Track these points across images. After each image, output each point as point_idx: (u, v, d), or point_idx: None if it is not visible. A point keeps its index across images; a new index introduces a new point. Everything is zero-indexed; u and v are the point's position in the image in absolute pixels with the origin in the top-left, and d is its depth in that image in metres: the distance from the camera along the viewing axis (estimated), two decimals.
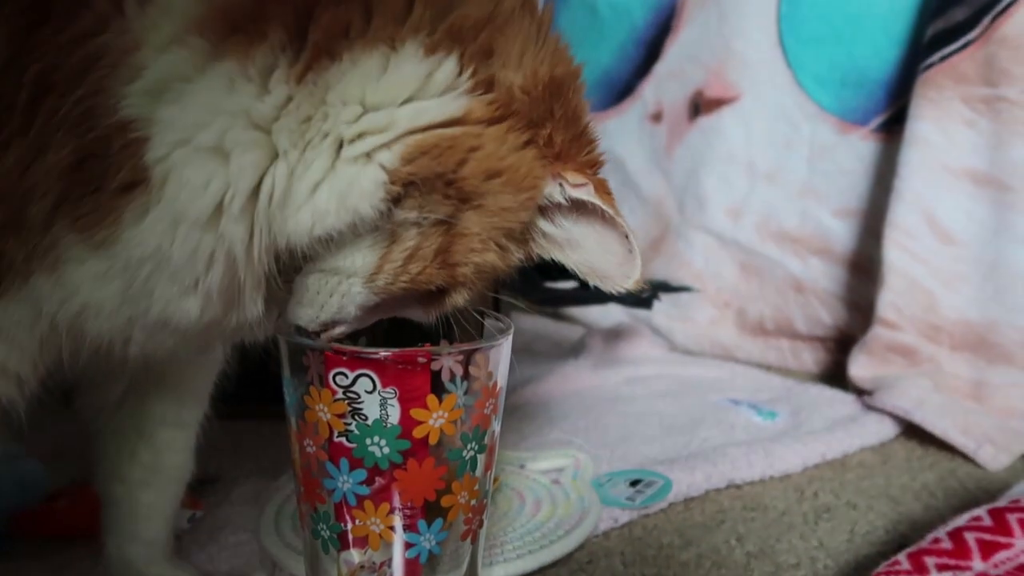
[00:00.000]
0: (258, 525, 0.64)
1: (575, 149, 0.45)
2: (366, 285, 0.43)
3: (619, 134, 1.34)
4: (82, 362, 0.45)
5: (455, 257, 0.43)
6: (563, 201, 0.45)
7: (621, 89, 1.36)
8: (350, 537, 0.46)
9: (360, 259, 0.42)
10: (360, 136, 0.39)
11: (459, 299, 0.46)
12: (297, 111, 0.39)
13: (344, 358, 0.43)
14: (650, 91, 1.34)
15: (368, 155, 0.39)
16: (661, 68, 1.32)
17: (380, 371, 0.43)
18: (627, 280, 0.47)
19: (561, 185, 0.45)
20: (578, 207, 0.46)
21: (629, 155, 1.34)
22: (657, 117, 1.33)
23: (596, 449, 0.81)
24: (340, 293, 0.43)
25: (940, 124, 0.99)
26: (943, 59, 0.99)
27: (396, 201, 0.40)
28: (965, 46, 0.97)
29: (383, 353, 0.43)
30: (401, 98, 0.40)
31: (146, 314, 0.41)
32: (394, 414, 0.44)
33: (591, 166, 0.46)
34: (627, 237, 0.46)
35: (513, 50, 0.42)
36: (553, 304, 1.22)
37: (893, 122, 1.10)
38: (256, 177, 0.39)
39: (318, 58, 0.39)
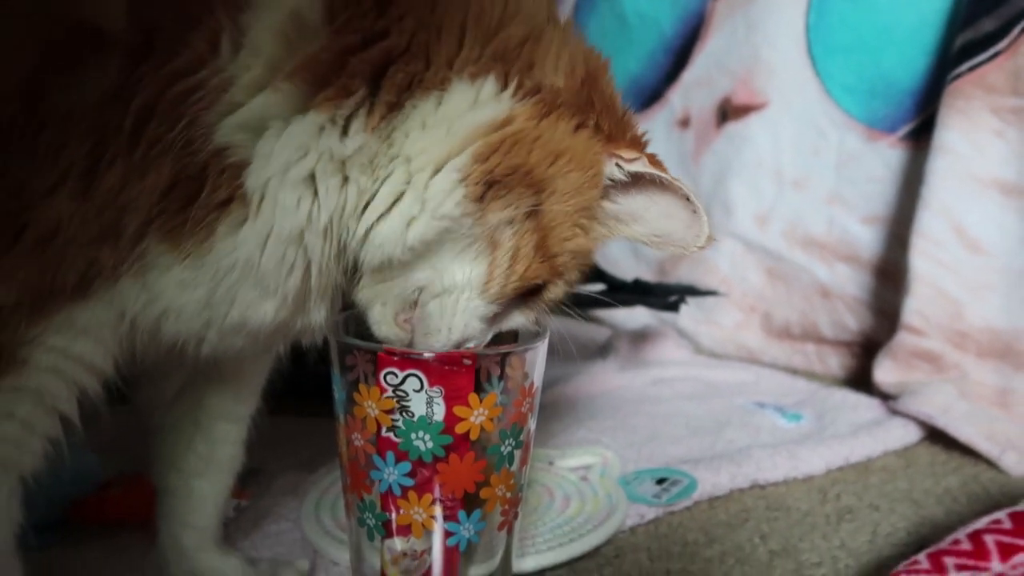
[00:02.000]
0: (299, 515, 0.67)
1: (621, 130, 0.50)
2: (482, 296, 0.47)
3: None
4: (151, 359, 0.49)
5: (553, 248, 0.48)
6: (623, 177, 0.50)
7: (649, 95, 1.38)
8: (394, 525, 0.49)
9: (470, 271, 0.47)
10: (424, 151, 0.45)
11: (557, 292, 0.51)
12: (367, 149, 0.45)
13: (395, 359, 0.46)
14: (678, 98, 1.36)
15: (438, 164, 0.45)
16: (689, 75, 1.34)
17: (427, 371, 0.46)
18: (698, 240, 0.51)
19: (617, 164, 0.50)
20: (636, 181, 0.51)
21: None
22: (685, 123, 1.35)
23: (623, 448, 0.83)
24: (461, 310, 0.47)
25: (968, 134, 0.99)
26: (971, 69, 0.99)
27: (481, 202, 0.45)
28: (994, 56, 0.98)
29: (429, 355, 0.46)
30: (455, 119, 0.45)
31: (224, 317, 0.46)
32: (439, 411, 0.46)
33: (638, 143, 0.51)
34: (688, 199, 0.50)
35: (549, 57, 0.48)
36: (581, 307, 1.24)
37: (921, 130, 1.10)
38: (337, 199, 0.45)
39: (389, 112, 0.45)
